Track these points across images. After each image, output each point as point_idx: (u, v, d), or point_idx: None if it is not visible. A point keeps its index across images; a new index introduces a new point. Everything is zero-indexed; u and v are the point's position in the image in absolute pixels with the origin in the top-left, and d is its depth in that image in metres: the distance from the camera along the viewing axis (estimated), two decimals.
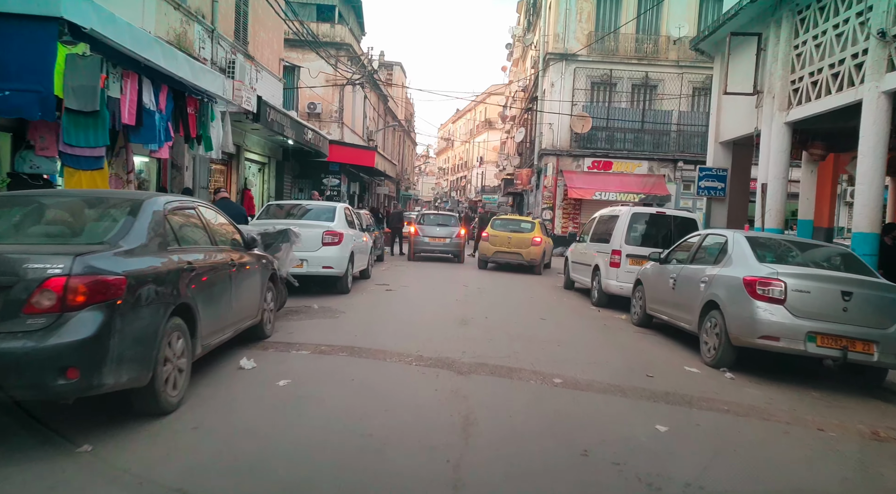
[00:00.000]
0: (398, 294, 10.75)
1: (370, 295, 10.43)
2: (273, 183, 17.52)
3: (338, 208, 10.59)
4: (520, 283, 14.10)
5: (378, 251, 16.77)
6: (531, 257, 16.04)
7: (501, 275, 15.82)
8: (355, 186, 28.10)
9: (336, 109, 25.22)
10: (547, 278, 16.20)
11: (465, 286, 12.39)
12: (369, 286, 11.50)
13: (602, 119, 25.88)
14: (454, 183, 68.01)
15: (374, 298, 10.15)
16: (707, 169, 12.79)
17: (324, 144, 18.18)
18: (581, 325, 8.92)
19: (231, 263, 5.39)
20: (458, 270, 16.27)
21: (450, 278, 14.10)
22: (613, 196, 24.92)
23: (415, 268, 15.89)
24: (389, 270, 15.06)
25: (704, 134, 26.80)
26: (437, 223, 17.99)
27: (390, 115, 34.74)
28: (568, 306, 10.77)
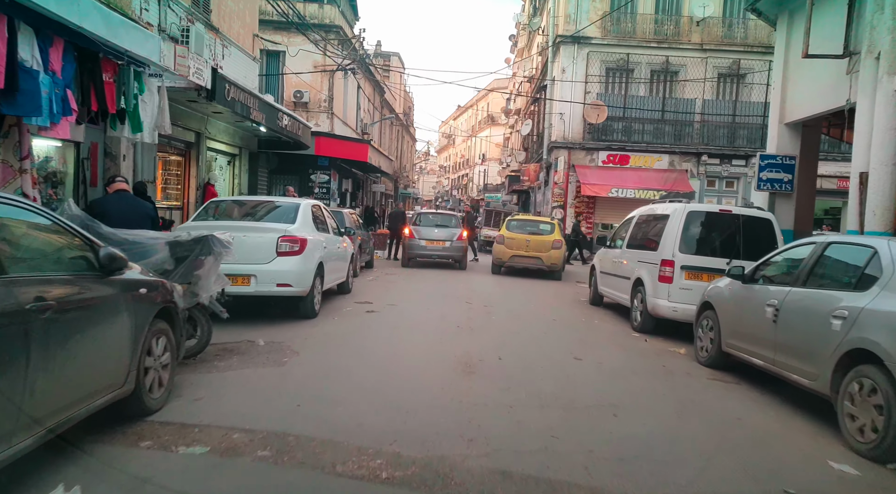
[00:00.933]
0: (381, 318, 8.17)
1: (343, 321, 7.85)
2: (245, 178, 15.00)
3: (301, 206, 8.01)
4: (535, 296, 11.55)
5: (367, 257, 14.23)
6: (552, 261, 14.48)
7: (511, 283, 13.27)
8: (348, 183, 25.55)
9: (325, 97, 22.66)
10: (566, 286, 13.64)
11: (468, 303, 9.82)
12: (346, 306, 8.94)
13: (618, 108, 23.28)
14: (456, 181, 65.43)
15: (347, 325, 7.56)
16: (770, 157, 10.18)
17: (305, 133, 15.65)
18: (631, 368, 6.34)
19: (36, 305, 2.83)
20: (460, 279, 13.70)
21: (449, 290, 11.53)
22: (631, 193, 22.34)
23: (408, 277, 13.33)
24: (378, 280, 12.50)
25: (731, 125, 24.25)
26: (435, 224, 15.44)
27: (387, 107, 32.24)
28: (604, 334, 8.19)
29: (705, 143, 23.35)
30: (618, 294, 9.50)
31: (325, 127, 22.65)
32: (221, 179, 14.60)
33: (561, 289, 13.15)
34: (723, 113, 23.26)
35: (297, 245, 7.25)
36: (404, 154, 42.41)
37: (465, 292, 11.23)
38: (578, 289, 13.11)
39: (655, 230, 8.64)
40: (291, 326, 7.20)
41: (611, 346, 7.38)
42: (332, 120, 23.00)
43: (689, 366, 6.54)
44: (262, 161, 15.91)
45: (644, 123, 23.51)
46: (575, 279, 15.26)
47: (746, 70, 23.16)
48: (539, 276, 15.44)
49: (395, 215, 17.43)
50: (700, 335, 6.79)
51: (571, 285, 13.90)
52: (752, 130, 23.27)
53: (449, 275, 14.24)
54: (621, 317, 9.38)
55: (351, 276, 10.28)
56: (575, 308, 10.31)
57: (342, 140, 22.20)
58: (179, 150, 12.41)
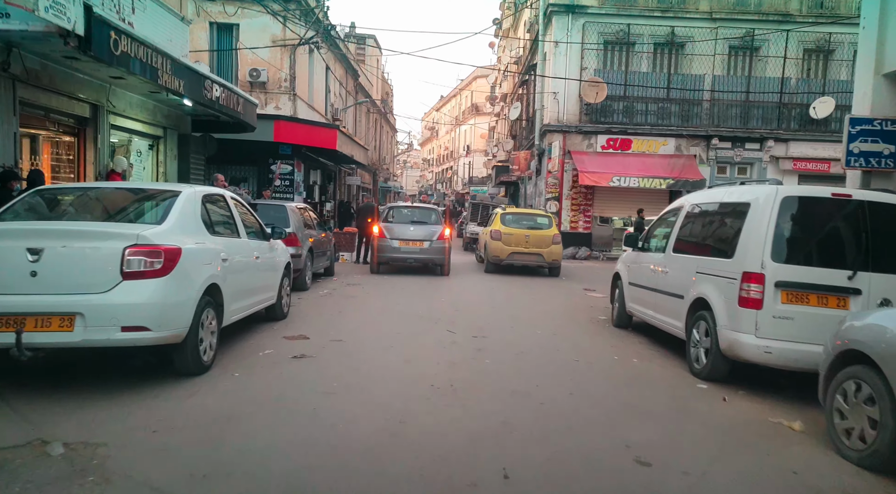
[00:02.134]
0: (310, 372, 5.12)
1: (247, 382, 4.81)
2: (173, 166, 11.90)
3: (181, 197, 4.96)
4: (539, 313, 8.63)
5: (325, 262, 11.26)
6: (553, 257, 13.31)
7: (505, 292, 10.38)
8: (316, 174, 22.46)
9: (286, 77, 19.55)
10: (571, 292, 10.75)
11: (450, 332, 6.86)
12: (267, 344, 5.93)
13: (618, 85, 20.42)
14: (440, 175, 62.39)
15: (249, 393, 4.54)
16: (864, 122, 7.25)
17: (249, 111, 12.56)
18: (737, 470, 3.46)
19: None
20: (441, 289, 10.77)
21: (426, 308, 8.57)
22: (635, 182, 19.54)
23: (375, 288, 10.36)
24: (333, 294, 9.52)
25: (744, 104, 21.45)
26: (410, 221, 12.48)
27: (362, 93, 29.16)
28: (658, 390, 5.21)
29: (715, 124, 20.59)
30: (660, 318, 6.62)
31: (287, 110, 19.56)
32: (139, 166, 11.50)
33: (568, 299, 10.25)
34: (736, 90, 20.49)
35: (158, 260, 4.25)
36: (383, 145, 39.30)
37: (447, 312, 8.28)
38: (590, 301, 10.24)
39: (725, 227, 5.75)
40: (147, 396, 4.21)
41: (679, 417, 4.45)
42: (295, 102, 19.89)
43: (831, 464, 3.66)
44: (198, 146, 12.83)
45: (647, 103, 20.68)
46: (577, 281, 12.41)
47: (761, 42, 20.39)
48: (532, 274, 12.60)
49: (364, 209, 14.41)
50: (845, 402, 3.90)
51: (577, 292, 11.04)
52: (767, 109, 20.55)
53: (427, 284, 11.29)
54: (667, 350, 6.50)
55: (285, 295, 7.27)
56: (598, 336, 7.38)
57: (306, 125, 19.11)
58: (68, 127, 9.30)
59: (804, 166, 20.37)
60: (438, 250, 12.12)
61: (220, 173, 11.11)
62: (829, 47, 20.32)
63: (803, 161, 20.36)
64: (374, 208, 14.24)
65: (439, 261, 12.30)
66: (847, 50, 20.19)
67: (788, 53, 20.13)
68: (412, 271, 12.77)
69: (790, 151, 20.43)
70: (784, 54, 20.09)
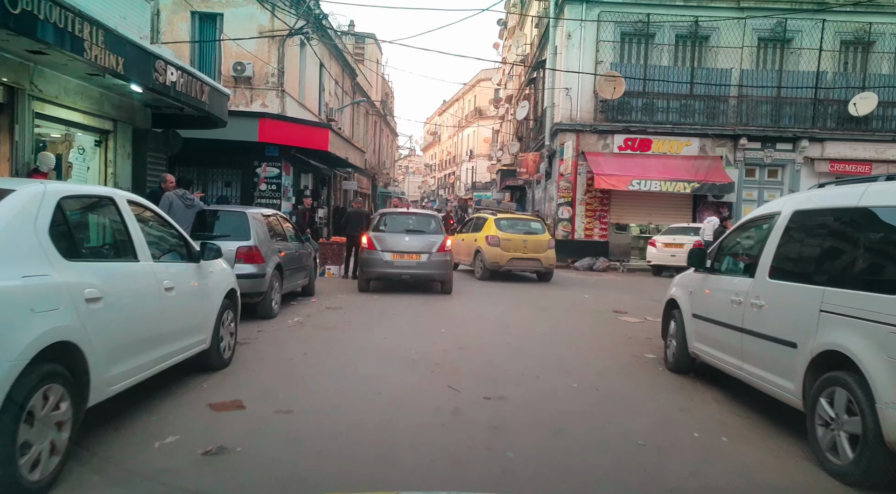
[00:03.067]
0: (223, 488, 3.15)
1: None
2: (126, 165, 9.92)
3: (8, 199, 2.99)
4: (564, 347, 6.61)
5: (303, 280, 9.26)
6: (549, 262, 13.33)
7: (519, 315, 8.33)
8: (307, 178, 20.50)
9: (274, 71, 17.64)
10: (595, 312, 8.69)
11: (452, 390, 4.82)
12: (175, 422, 3.85)
13: (637, 79, 18.44)
14: (442, 180, 60.48)
15: None
16: None
17: (219, 103, 10.57)
18: None
19: None
20: (440, 314, 8.73)
21: (419, 347, 6.51)
22: (656, 186, 17.54)
23: (358, 315, 8.31)
24: (305, 323, 7.49)
25: (775, 101, 19.45)
26: (405, 229, 10.49)
27: (360, 93, 27.28)
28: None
29: (744, 123, 18.57)
30: (750, 370, 4.56)
31: (275, 108, 17.64)
32: (81, 166, 9.52)
33: (598, 326, 8.21)
34: (766, 85, 18.48)
35: None
36: (383, 149, 37.39)
37: (448, 351, 6.25)
38: (625, 328, 8.20)
39: (879, 246, 3.74)
40: None
41: None
42: (284, 100, 17.97)
43: None
44: (158, 143, 10.85)
45: (669, 100, 18.68)
46: (599, 298, 10.35)
47: (794, 33, 18.39)
48: (541, 289, 10.55)
49: (353, 216, 12.41)
50: None
51: (605, 315, 8.99)
52: (800, 106, 18.52)
53: (425, 306, 9.27)
54: (762, 416, 4.47)
55: (227, 334, 5.24)
56: (654, 389, 5.32)
57: (295, 124, 17.18)
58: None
59: (842, 168, 18.30)
60: (438, 263, 10.12)
61: (169, 174, 9.12)
62: (868, 38, 18.29)
63: (841, 163, 18.30)
64: (364, 214, 12.21)
65: (439, 277, 10.29)
66: (889, 41, 18.19)
67: (824, 45, 18.11)
68: (407, 289, 10.76)
69: (826, 151, 18.38)
70: (819, 46, 18.08)
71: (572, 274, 15.92)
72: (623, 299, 11.18)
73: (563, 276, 15.27)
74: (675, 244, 15.21)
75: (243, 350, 5.78)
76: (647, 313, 9.67)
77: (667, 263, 15.42)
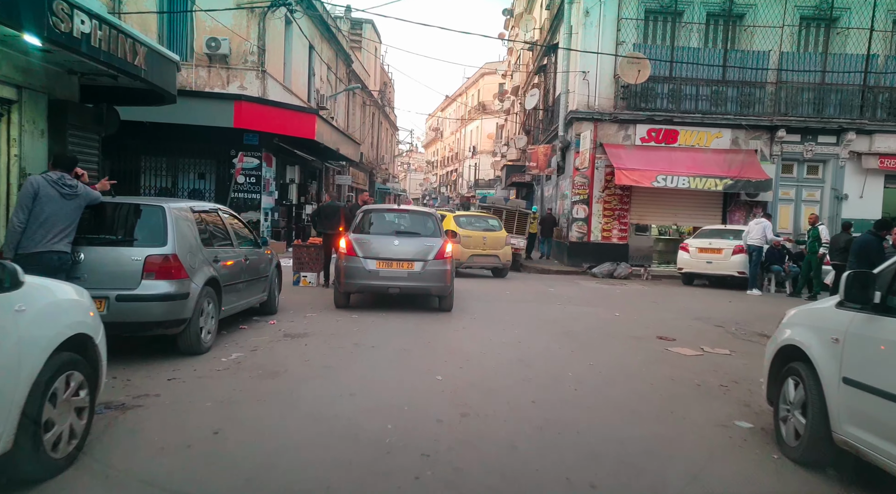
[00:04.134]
0: None
1: None
2: (40, 145, 7.68)
3: None
4: (613, 403, 4.38)
5: (259, 295, 7.02)
6: (507, 258, 13.60)
7: (542, 345, 6.06)
8: (294, 171, 18.27)
9: (253, 49, 15.41)
10: (636, 340, 6.42)
11: None
12: None
13: (663, 62, 16.18)
14: (444, 178, 58.18)
15: None
16: None
17: (162, 71, 8.27)
18: None
19: None
20: (435, 345, 6.46)
21: (407, 407, 4.28)
22: (684, 182, 15.27)
23: (323, 347, 5.97)
24: (243, 363, 5.18)
25: (818, 87, 17.16)
26: (394, 231, 8.23)
27: (356, 80, 25.02)
28: None
29: (782, 113, 16.30)
30: None
31: (255, 91, 15.43)
32: None
33: (649, 365, 5.94)
34: (809, 69, 16.20)
35: None
36: (382, 143, 35.11)
37: (445, 421, 3.98)
38: (686, 366, 5.92)
39: None
40: None
41: None
42: (265, 82, 15.73)
43: None
44: (86, 120, 8.61)
45: (698, 86, 16.41)
46: (632, 316, 8.06)
47: (841, 10, 16.11)
48: (552, 300, 8.27)
49: (326, 211, 10.13)
50: None
51: (651, 344, 6.73)
52: (847, 93, 16.24)
53: (417, 331, 7.02)
54: None
55: (63, 419, 2.99)
56: None
57: (276, 108, 14.97)
58: None
59: (893, 164, 16.07)
60: (436, 274, 7.87)
61: (68, 153, 6.88)
62: None
63: (892, 158, 16.05)
64: (339, 208, 9.88)
65: (438, 290, 8.05)
66: None
67: (875, 24, 15.83)
68: (396, 305, 8.53)
69: (875, 145, 16.10)
70: (870, 25, 15.78)
71: (591, 282, 13.67)
72: (662, 318, 8.96)
73: (581, 285, 13.02)
74: (711, 249, 12.96)
75: (122, 423, 3.57)
76: (699, 339, 7.47)
77: (701, 270, 13.17)
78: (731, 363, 6.34)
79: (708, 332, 8.14)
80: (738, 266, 12.51)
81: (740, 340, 7.76)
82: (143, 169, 14.97)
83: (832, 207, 16.62)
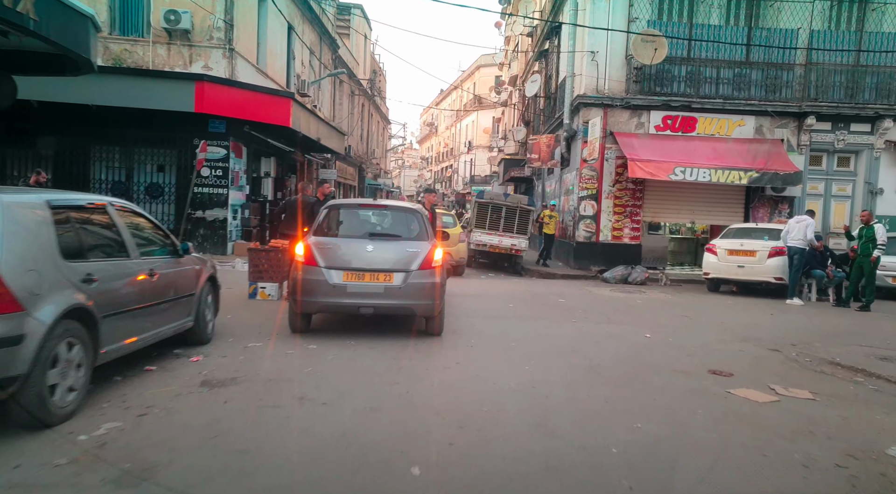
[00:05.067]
0: None
1: None
2: None
3: None
4: (672, 486, 2.54)
5: (184, 321, 5.07)
6: (461, 255, 12.73)
7: (545, 371, 4.16)
8: (269, 164, 16.33)
9: (219, 24, 13.44)
10: (684, 379, 4.51)
11: None
12: None
13: (680, 41, 14.31)
14: (439, 174, 56.23)
15: None
16: None
17: (69, 27, 6.35)
18: None
19: None
20: (419, 395, 4.59)
21: None
22: (705, 175, 13.41)
23: (246, 413, 4.01)
24: (117, 444, 3.23)
25: (851, 69, 15.26)
26: (368, 233, 6.30)
27: (342, 67, 23.06)
28: None
29: (812, 98, 14.44)
30: None
31: (222, 71, 13.48)
32: None
33: (711, 427, 4.09)
34: (840, 49, 14.36)
35: None
36: (373, 136, 33.14)
37: None
38: (755, 423, 4.05)
39: None
40: None
41: None
42: (234, 62, 13.77)
43: None
44: None
45: (719, 68, 14.54)
46: (624, 318, 6.15)
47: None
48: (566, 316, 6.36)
49: (290, 208, 8.20)
50: None
51: (706, 385, 4.84)
52: (883, 76, 14.41)
53: (393, 369, 5.12)
54: None
55: None
56: None
57: (244, 90, 13.01)
58: None
59: None
60: (421, 289, 5.97)
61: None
62: None
63: None
64: (308, 204, 7.84)
65: (424, 310, 6.13)
66: None
67: None
68: (369, 327, 6.63)
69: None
70: None
71: (604, 289, 11.79)
72: (703, 340, 7.10)
73: (594, 293, 11.15)
74: (743, 252, 11.11)
75: None
76: (762, 373, 5.66)
77: (732, 276, 11.31)
78: (823, 416, 4.49)
79: (766, 360, 6.30)
80: (775, 271, 10.66)
81: (811, 372, 5.91)
82: (92, 160, 12.99)
83: (865, 202, 14.79)
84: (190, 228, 13.19)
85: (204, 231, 13.32)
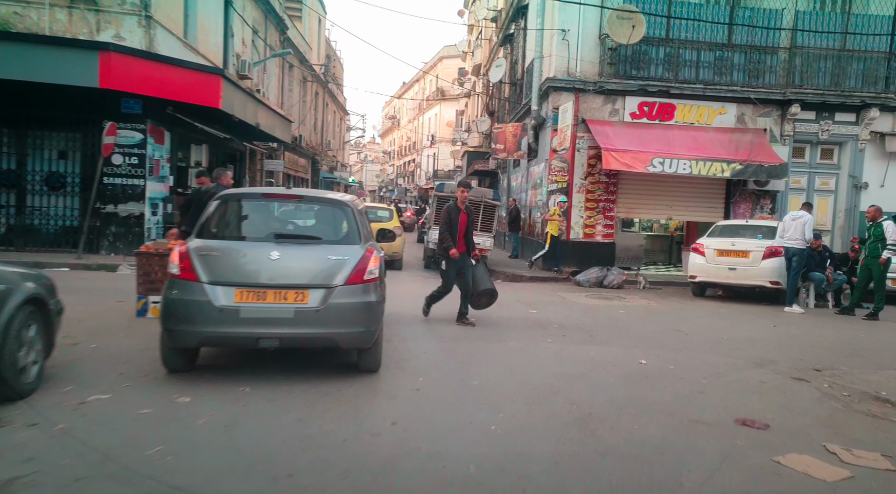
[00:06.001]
0: None
1: None
2: None
3: None
4: None
5: (38, 356, 3.14)
6: (394, 250, 12.07)
7: (525, 427, 2.57)
8: (200, 152, 14.26)
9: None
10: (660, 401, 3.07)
11: None
12: None
13: (658, 17, 12.91)
14: (401, 169, 54.29)
15: None
16: None
17: None
18: None
19: None
20: None
21: None
22: (686, 167, 12.05)
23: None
24: None
25: (837, 54, 14.10)
26: (273, 235, 4.53)
27: (293, 52, 21.00)
28: None
29: (796, 84, 13.24)
30: None
31: (136, 42, 11.40)
32: None
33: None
34: (827, 30, 13.20)
35: None
36: (328, 126, 31.02)
37: None
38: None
39: None
40: None
41: None
42: (153, 31, 11.69)
43: None
44: None
45: (699, 50, 13.20)
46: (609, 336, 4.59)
47: None
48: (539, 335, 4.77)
49: (196, 201, 6.36)
50: None
51: (673, 407, 3.38)
52: (871, 62, 13.32)
53: (302, 435, 3.44)
54: None
55: None
56: None
57: (162, 64, 10.96)
58: None
59: None
60: (347, 312, 4.24)
61: None
62: None
63: None
64: (203, 195, 5.94)
65: (353, 340, 4.39)
66: None
67: None
68: (276, 363, 4.88)
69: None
70: None
71: (579, 295, 10.25)
72: (712, 367, 5.60)
73: (568, 300, 9.58)
74: (734, 252, 9.73)
75: None
76: (803, 420, 4.22)
77: (723, 280, 9.92)
78: None
79: (797, 397, 4.83)
80: (770, 275, 9.32)
81: (860, 415, 4.45)
82: None
83: (850, 197, 13.75)
84: (99, 225, 11.13)
85: (116, 229, 11.27)
